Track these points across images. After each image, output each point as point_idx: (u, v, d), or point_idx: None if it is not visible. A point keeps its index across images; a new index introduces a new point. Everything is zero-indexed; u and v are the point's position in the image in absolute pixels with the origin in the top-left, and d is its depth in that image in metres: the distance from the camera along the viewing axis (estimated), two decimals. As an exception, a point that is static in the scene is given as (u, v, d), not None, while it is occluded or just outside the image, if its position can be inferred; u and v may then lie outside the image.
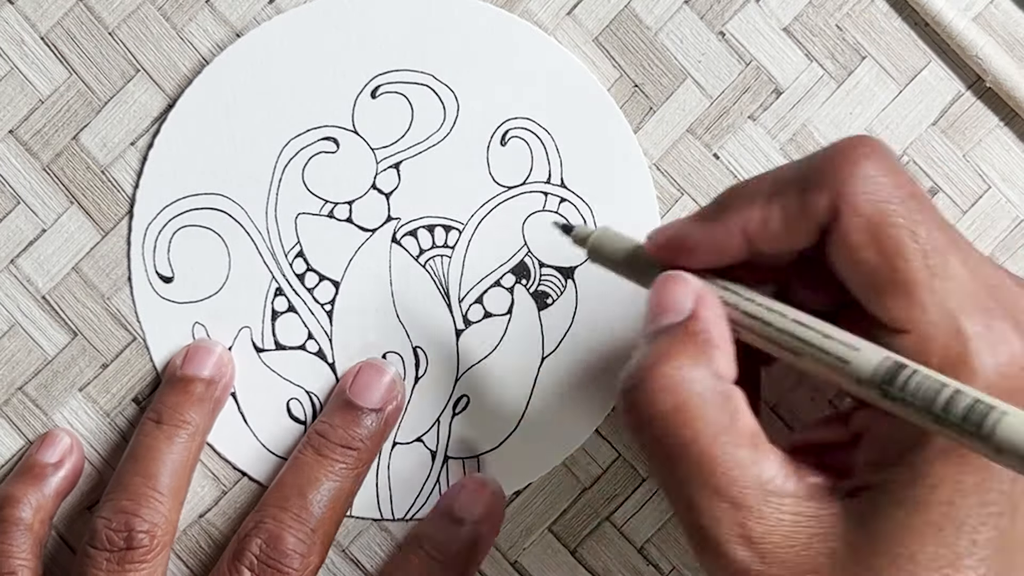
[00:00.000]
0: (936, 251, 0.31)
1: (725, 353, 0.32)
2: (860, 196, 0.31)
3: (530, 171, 0.44)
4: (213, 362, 0.43)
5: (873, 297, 0.31)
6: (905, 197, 0.31)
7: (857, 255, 0.31)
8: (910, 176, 0.32)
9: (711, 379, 0.32)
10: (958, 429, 0.27)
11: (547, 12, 0.44)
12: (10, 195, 0.44)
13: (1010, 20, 0.44)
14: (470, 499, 0.43)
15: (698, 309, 0.33)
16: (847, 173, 0.31)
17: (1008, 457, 0.26)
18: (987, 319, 0.30)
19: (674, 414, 0.31)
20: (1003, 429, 0.26)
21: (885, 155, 0.32)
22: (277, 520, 0.41)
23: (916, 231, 0.31)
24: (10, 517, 0.42)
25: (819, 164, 0.32)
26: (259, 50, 0.44)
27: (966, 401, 0.27)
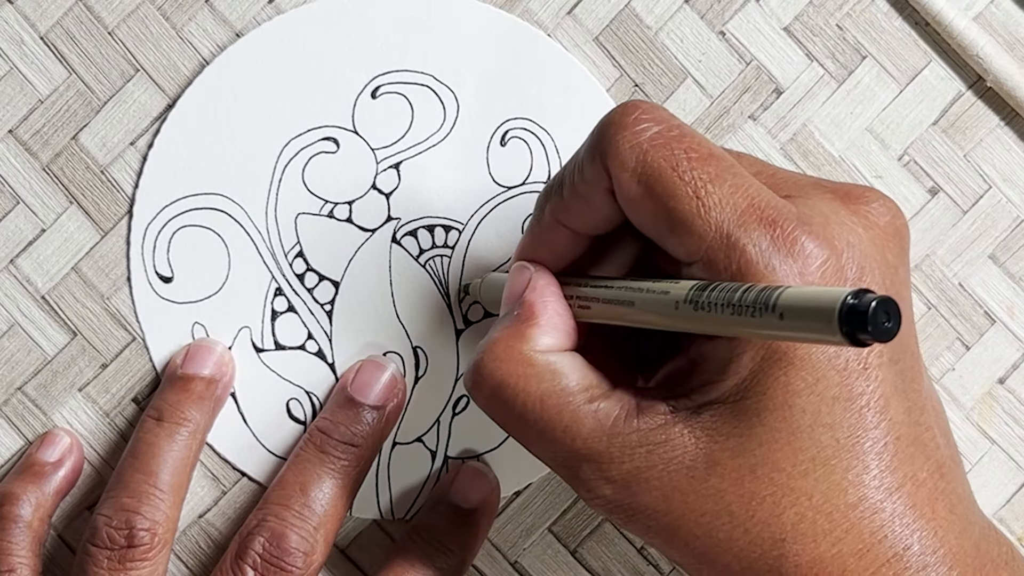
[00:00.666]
0: (703, 183, 0.32)
1: (549, 329, 0.35)
2: (624, 152, 0.33)
3: (530, 171, 0.44)
4: (214, 361, 0.43)
5: (663, 238, 0.33)
6: (667, 141, 0.33)
7: (637, 206, 0.33)
8: (674, 120, 0.34)
9: (529, 354, 0.35)
10: (751, 312, 0.29)
11: (547, 12, 0.44)
12: (10, 195, 0.44)
13: (1010, 20, 0.44)
14: (466, 486, 0.43)
15: (524, 295, 0.36)
16: (610, 136, 0.34)
17: (790, 321, 0.28)
18: (769, 229, 0.32)
19: (499, 390, 0.35)
20: (783, 298, 0.28)
21: (645, 110, 0.34)
22: (280, 518, 0.41)
23: (680, 170, 0.33)
24: (9, 515, 0.42)
25: (589, 139, 0.35)
26: (259, 50, 0.44)
27: (755, 290, 0.29)
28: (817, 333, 0.28)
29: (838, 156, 0.44)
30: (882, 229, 0.34)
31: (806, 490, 0.32)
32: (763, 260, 0.32)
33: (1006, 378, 0.44)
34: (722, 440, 0.32)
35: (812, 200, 0.34)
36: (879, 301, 0.26)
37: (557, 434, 0.34)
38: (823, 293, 0.27)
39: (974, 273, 0.44)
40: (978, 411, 0.44)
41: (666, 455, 0.33)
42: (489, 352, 0.35)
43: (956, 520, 0.33)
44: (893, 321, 0.27)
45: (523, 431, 0.35)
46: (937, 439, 0.33)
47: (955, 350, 0.44)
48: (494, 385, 0.35)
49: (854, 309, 0.26)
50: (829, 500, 0.32)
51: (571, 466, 0.34)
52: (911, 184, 0.44)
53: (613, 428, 0.33)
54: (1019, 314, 0.44)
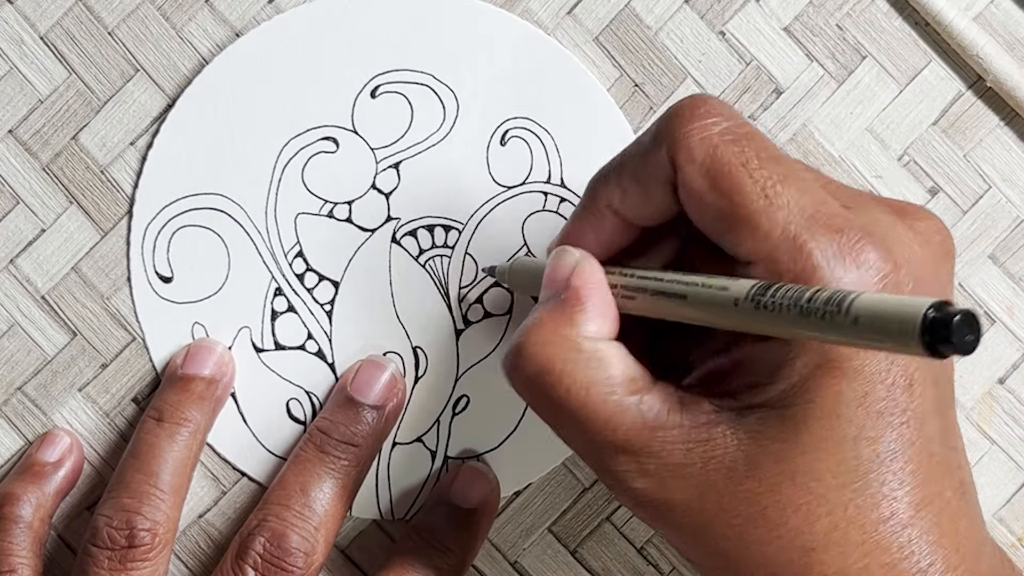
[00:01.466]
0: (772, 182, 0.32)
1: (596, 316, 0.35)
2: (693, 144, 0.33)
3: (530, 171, 0.44)
4: (214, 361, 0.43)
5: (723, 235, 0.33)
6: (737, 137, 0.33)
7: (700, 200, 0.33)
8: (742, 118, 0.34)
9: (576, 339, 0.34)
10: (821, 315, 0.29)
11: (547, 12, 0.44)
12: (9, 195, 0.44)
13: (1010, 20, 0.44)
14: (466, 486, 0.43)
15: (570, 279, 0.35)
16: (679, 127, 0.33)
17: (866, 329, 0.28)
18: (835, 236, 0.32)
19: (543, 375, 0.34)
20: (859, 304, 0.28)
21: (716, 105, 0.34)
22: (280, 518, 0.41)
23: (750, 167, 0.32)
24: (10, 515, 0.42)
25: (656, 128, 0.34)
26: (259, 50, 0.44)
27: (826, 293, 0.29)
28: (893, 342, 0.27)
29: (838, 156, 0.44)
30: (936, 247, 0.34)
31: (842, 501, 0.32)
32: (828, 265, 0.31)
33: (1006, 378, 0.44)
34: (766, 444, 0.32)
35: (872, 213, 0.33)
36: (963, 314, 0.26)
37: (598, 424, 0.33)
38: (904, 302, 0.27)
39: (974, 273, 0.44)
40: (978, 411, 0.44)
41: (706, 454, 0.32)
42: (533, 334, 0.34)
43: (975, 537, 0.33)
44: (974, 335, 0.26)
45: (561, 418, 0.34)
46: (960, 459, 0.34)
47: (955, 350, 0.44)
48: (537, 369, 0.34)
49: (937, 320, 0.26)
50: (863, 512, 0.32)
51: (606, 457, 0.33)
52: (911, 184, 0.44)
53: (655, 422, 0.33)
54: (1019, 314, 0.44)
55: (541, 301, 0.36)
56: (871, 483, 0.32)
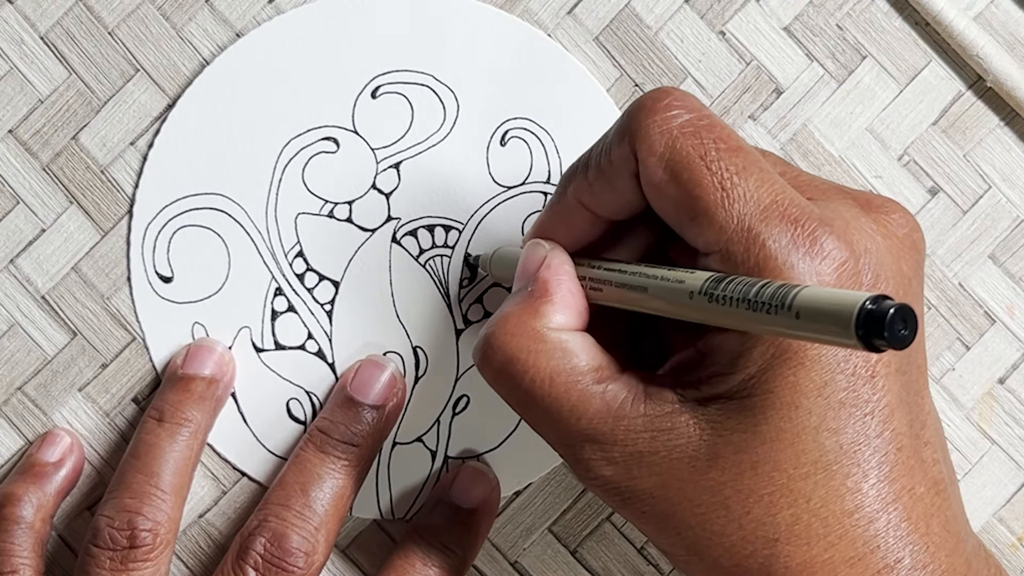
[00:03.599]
0: (730, 174, 0.32)
1: (562, 307, 0.35)
2: (653, 137, 0.33)
3: (530, 171, 0.44)
4: (214, 361, 0.43)
5: (683, 226, 0.33)
6: (697, 129, 0.33)
7: (661, 192, 0.33)
8: (705, 110, 0.34)
9: (541, 330, 0.35)
10: (767, 309, 0.29)
11: (547, 12, 0.44)
12: (10, 195, 0.44)
13: (1010, 20, 0.44)
14: (466, 486, 0.43)
15: (539, 272, 0.36)
16: (640, 120, 0.34)
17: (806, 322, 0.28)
18: (790, 226, 0.32)
19: (508, 365, 0.35)
20: (800, 298, 0.28)
21: (677, 97, 0.34)
22: (280, 518, 0.41)
23: (708, 159, 0.33)
24: (11, 516, 0.42)
25: (619, 122, 0.35)
26: (259, 50, 0.44)
27: (772, 287, 0.29)
28: (832, 335, 0.28)
29: (838, 156, 0.44)
30: (900, 240, 0.34)
31: (804, 492, 0.32)
32: (782, 256, 0.32)
33: (1006, 378, 0.44)
34: (727, 434, 0.32)
35: (834, 204, 0.34)
36: (897, 308, 0.26)
37: (564, 413, 0.34)
38: (842, 296, 0.27)
39: (974, 273, 0.44)
40: (978, 411, 0.44)
41: (669, 442, 0.33)
42: (500, 326, 0.35)
43: (949, 538, 0.33)
44: (909, 329, 0.27)
45: (529, 407, 0.35)
46: (936, 455, 0.34)
47: (955, 350, 0.44)
48: (504, 359, 0.35)
49: (872, 314, 0.26)
50: (826, 505, 0.32)
51: (573, 445, 0.34)
52: (911, 184, 0.44)
53: (620, 411, 0.33)
54: (1019, 314, 0.44)
55: (512, 293, 0.37)
56: (834, 475, 0.32)
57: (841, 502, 0.32)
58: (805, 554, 0.32)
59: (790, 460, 0.32)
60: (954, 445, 0.44)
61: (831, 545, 0.32)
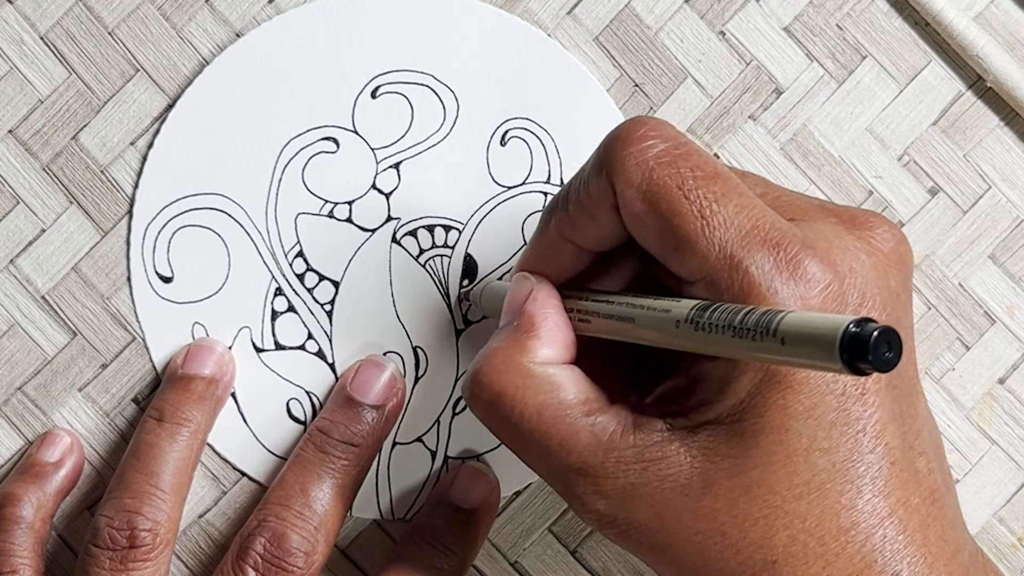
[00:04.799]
0: (708, 202, 0.32)
1: (549, 341, 0.35)
2: (630, 169, 0.33)
3: (530, 171, 0.44)
4: (214, 361, 0.43)
5: (666, 256, 0.33)
6: (673, 159, 0.33)
7: (641, 223, 0.33)
8: (681, 138, 0.34)
9: (527, 365, 0.35)
10: (752, 336, 0.29)
11: (547, 12, 0.44)
12: (10, 195, 0.44)
13: (1010, 20, 0.44)
14: (466, 486, 0.43)
15: (524, 306, 0.36)
16: (615, 152, 0.33)
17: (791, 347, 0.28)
18: (772, 251, 0.32)
19: (497, 400, 0.34)
20: (785, 324, 0.28)
21: (652, 127, 0.34)
22: (280, 518, 0.41)
23: (685, 188, 0.32)
24: (11, 516, 0.42)
25: (595, 155, 0.35)
26: (259, 50, 0.44)
27: (757, 313, 0.29)
28: (818, 360, 0.27)
29: (838, 156, 0.44)
30: (885, 255, 0.34)
31: (800, 513, 0.32)
32: (766, 282, 0.31)
33: (1006, 378, 0.44)
34: (718, 460, 0.32)
35: (816, 224, 0.34)
36: (880, 331, 0.26)
37: (553, 447, 0.34)
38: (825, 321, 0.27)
39: (974, 273, 0.44)
40: (978, 411, 0.44)
41: (661, 472, 0.33)
42: (488, 362, 0.35)
43: (946, 547, 0.33)
44: (894, 352, 0.27)
45: (519, 442, 0.35)
46: (931, 464, 0.33)
47: (955, 350, 0.44)
48: (492, 395, 0.35)
49: (856, 338, 0.26)
50: (822, 524, 0.32)
51: (565, 480, 0.34)
52: (911, 184, 0.44)
53: (609, 443, 0.33)
54: (1019, 314, 0.44)
55: (499, 328, 0.37)
56: (828, 493, 0.32)
57: (837, 520, 0.32)
58: (803, 574, 0.32)
59: (783, 482, 0.32)
60: (954, 445, 0.44)
61: (829, 563, 0.32)
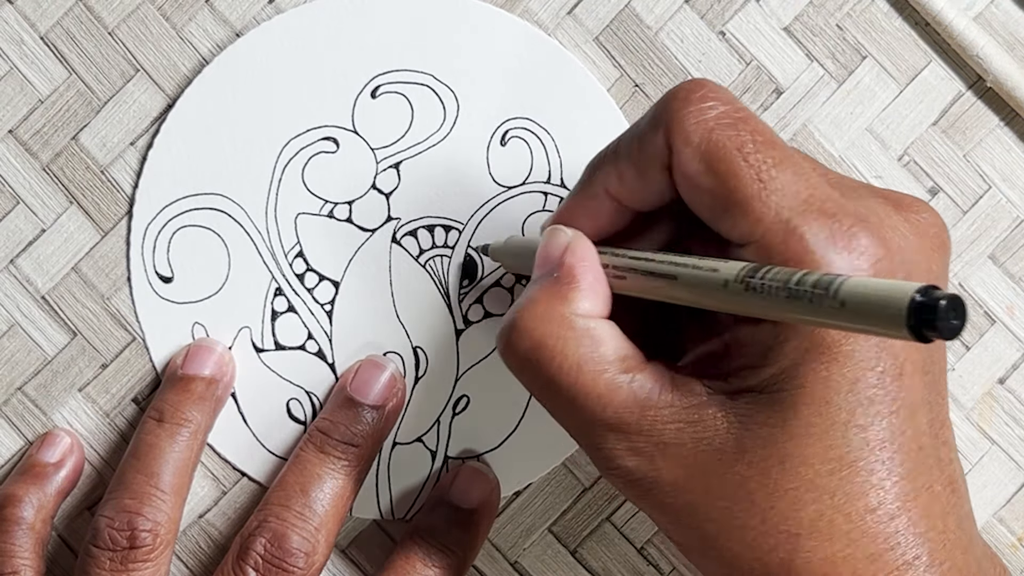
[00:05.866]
0: (767, 167, 0.32)
1: (590, 294, 0.35)
2: (689, 128, 0.33)
3: (530, 171, 0.44)
4: (214, 361, 0.43)
5: (717, 218, 0.33)
6: (734, 121, 0.33)
7: (696, 183, 0.33)
8: (739, 103, 0.34)
9: (570, 317, 0.34)
10: (809, 298, 0.29)
11: (547, 12, 0.44)
12: (10, 195, 0.44)
13: (1010, 20, 0.44)
14: (466, 486, 0.43)
15: (563, 257, 0.35)
16: (675, 110, 0.33)
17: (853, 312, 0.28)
18: (828, 221, 0.32)
19: (536, 351, 0.34)
20: (848, 287, 0.28)
21: (712, 89, 0.34)
22: (280, 519, 0.41)
23: (745, 151, 0.32)
24: (12, 516, 0.42)
25: (652, 112, 0.34)
26: (259, 50, 0.44)
27: (815, 276, 0.29)
28: (880, 325, 0.27)
29: (838, 156, 0.44)
30: (930, 239, 0.34)
31: (830, 488, 0.32)
32: (820, 250, 0.31)
33: (1006, 378, 0.44)
34: (755, 428, 0.32)
35: (867, 202, 0.33)
36: (949, 298, 0.26)
37: (590, 402, 0.33)
38: (891, 286, 0.27)
39: (974, 273, 0.44)
40: (978, 411, 0.44)
41: (697, 434, 0.32)
42: (528, 310, 0.34)
43: (963, 536, 0.33)
44: (960, 319, 0.26)
45: (553, 395, 0.34)
46: (952, 455, 0.34)
47: (955, 350, 0.44)
48: (531, 345, 0.34)
49: (924, 305, 0.26)
50: (850, 501, 0.31)
51: (596, 435, 0.34)
52: (911, 184, 0.44)
53: (647, 400, 0.33)
54: (1019, 314, 0.44)
55: (534, 279, 0.36)
56: (859, 471, 0.32)
57: (864, 499, 0.32)
58: (827, 550, 0.32)
59: (818, 455, 0.32)
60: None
61: (853, 541, 0.32)
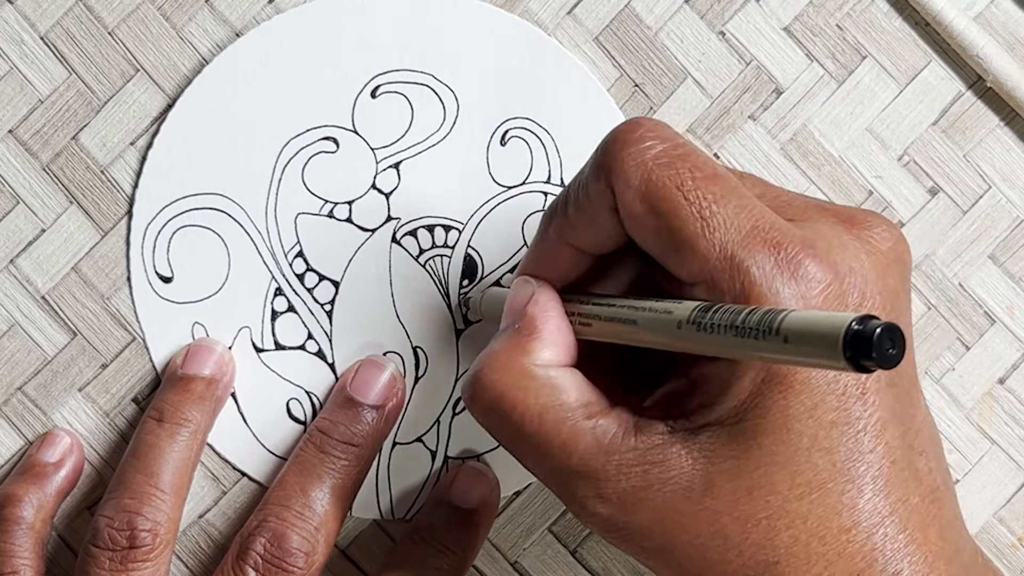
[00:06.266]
0: (708, 203, 0.32)
1: (551, 343, 0.35)
2: (629, 170, 0.33)
3: (530, 171, 0.44)
4: (214, 361, 0.43)
5: (666, 257, 0.33)
6: (672, 159, 0.33)
7: (641, 223, 0.33)
8: (679, 139, 0.34)
9: (529, 368, 0.35)
10: (755, 335, 0.29)
11: (547, 12, 0.44)
12: (10, 195, 0.44)
13: (1010, 20, 0.44)
14: (466, 486, 0.43)
15: (526, 308, 0.36)
16: (614, 153, 0.33)
17: (795, 346, 0.28)
18: (773, 251, 0.32)
19: (498, 402, 0.34)
20: (788, 322, 0.28)
21: (650, 128, 0.34)
22: (280, 518, 0.41)
23: (684, 189, 0.32)
24: (12, 516, 0.42)
25: (593, 157, 0.35)
26: (259, 50, 0.44)
27: (759, 313, 0.29)
28: (821, 358, 0.27)
29: (838, 156, 0.44)
30: (884, 255, 0.34)
31: (801, 513, 0.32)
32: (767, 282, 0.31)
33: (1006, 378, 0.44)
34: (719, 462, 0.32)
35: (815, 224, 0.34)
36: (883, 328, 0.26)
37: (553, 449, 0.34)
38: (828, 319, 0.27)
39: (974, 273, 0.44)
40: (978, 411, 0.44)
41: (663, 475, 0.33)
42: (489, 364, 0.35)
43: (946, 546, 0.33)
44: (897, 348, 0.26)
45: (519, 445, 0.35)
46: (930, 464, 0.33)
47: (955, 350, 0.44)
48: (493, 397, 0.35)
49: (859, 335, 0.26)
50: (823, 523, 0.32)
51: (566, 483, 0.34)
52: (911, 184, 0.44)
53: (610, 446, 0.33)
54: (1019, 314, 0.44)
55: (500, 331, 0.37)
56: (830, 493, 0.32)
57: (838, 519, 0.32)
58: (805, 574, 0.32)
59: (785, 482, 0.32)
60: (954, 445, 0.44)
61: (831, 563, 0.32)
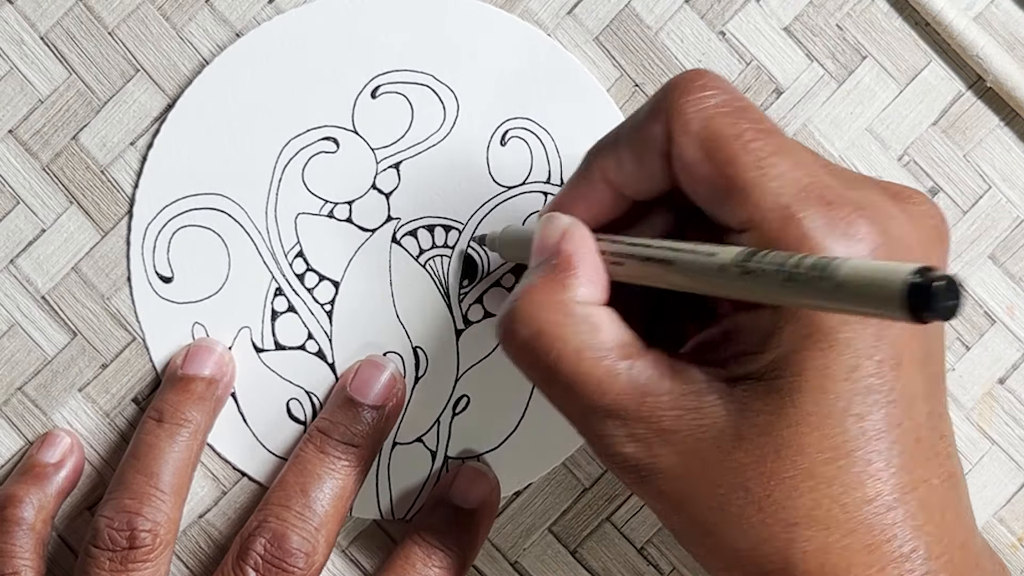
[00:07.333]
0: (766, 154, 0.32)
1: (588, 280, 0.35)
2: (689, 116, 0.33)
3: (530, 171, 0.44)
4: (214, 361, 0.43)
5: (715, 205, 0.33)
6: (733, 110, 0.33)
7: (695, 171, 0.33)
8: (739, 93, 0.34)
9: (568, 304, 0.34)
10: (805, 280, 0.29)
11: (547, 12, 0.44)
12: (10, 195, 0.44)
13: (1010, 20, 0.44)
14: (466, 486, 0.43)
15: (560, 244, 0.35)
16: (675, 99, 0.33)
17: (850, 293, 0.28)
18: (826, 208, 0.32)
19: (535, 339, 0.34)
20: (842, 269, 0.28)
21: (712, 78, 0.34)
22: (280, 519, 0.41)
23: (744, 139, 0.32)
24: (12, 517, 0.42)
25: (652, 100, 0.34)
26: (259, 50, 0.44)
27: (812, 259, 0.29)
28: (877, 307, 0.27)
29: (838, 156, 0.44)
30: (928, 230, 0.34)
31: (827, 477, 0.31)
32: (818, 237, 0.31)
33: (1006, 378, 0.44)
34: (752, 416, 0.32)
35: (866, 191, 0.33)
36: (946, 280, 0.26)
37: (589, 389, 0.33)
38: (887, 267, 0.27)
39: (974, 273, 0.44)
40: (978, 411, 0.44)
41: (694, 421, 0.32)
42: (526, 298, 0.34)
43: (961, 530, 0.33)
44: (956, 300, 0.26)
45: (552, 382, 0.34)
46: (950, 448, 0.33)
47: (955, 350, 0.44)
48: (531, 333, 0.34)
49: (919, 286, 0.26)
50: (847, 491, 0.31)
51: (594, 422, 0.33)
52: (911, 184, 0.44)
53: (645, 388, 0.33)
54: (1019, 314, 0.44)
55: (532, 267, 0.36)
56: (857, 461, 0.31)
57: (862, 489, 0.31)
58: (823, 539, 0.32)
59: (814, 444, 0.31)
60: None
61: (850, 532, 0.31)
